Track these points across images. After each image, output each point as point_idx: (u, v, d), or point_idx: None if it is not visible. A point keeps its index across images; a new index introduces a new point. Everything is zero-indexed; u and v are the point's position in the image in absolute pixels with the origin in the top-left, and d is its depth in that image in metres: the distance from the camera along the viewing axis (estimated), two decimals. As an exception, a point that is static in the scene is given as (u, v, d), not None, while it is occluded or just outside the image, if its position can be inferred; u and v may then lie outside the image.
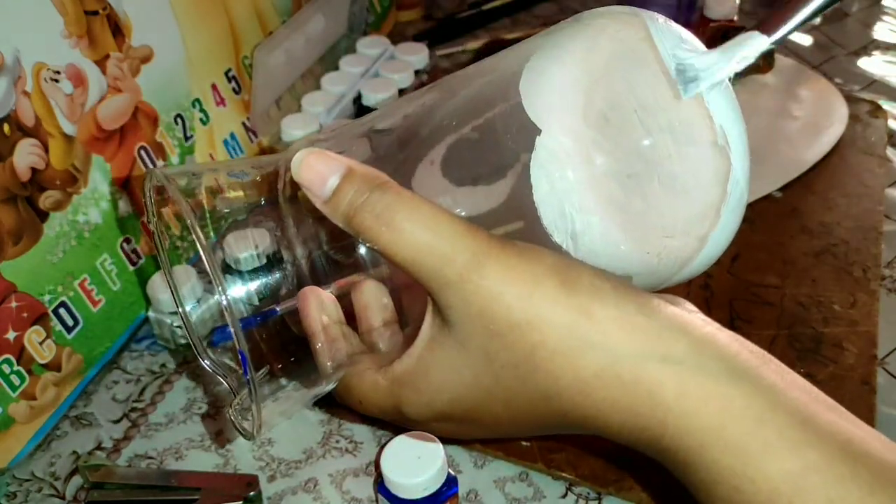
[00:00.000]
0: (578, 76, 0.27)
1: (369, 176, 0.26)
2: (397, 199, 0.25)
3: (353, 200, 0.25)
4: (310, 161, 0.26)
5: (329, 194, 0.26)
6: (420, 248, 0.25)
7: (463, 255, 0.24)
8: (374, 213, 0.25)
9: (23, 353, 0.49)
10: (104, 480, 0.47)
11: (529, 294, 0.24)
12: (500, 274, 0.25)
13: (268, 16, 0.70)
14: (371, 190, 0.25)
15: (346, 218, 0.26)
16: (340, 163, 0.26)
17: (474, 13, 0.95)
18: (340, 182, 0.26)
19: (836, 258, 0.61)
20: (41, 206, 0.49)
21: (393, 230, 0.25)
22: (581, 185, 0.26)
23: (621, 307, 0.25)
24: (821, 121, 0.74)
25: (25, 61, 0.48)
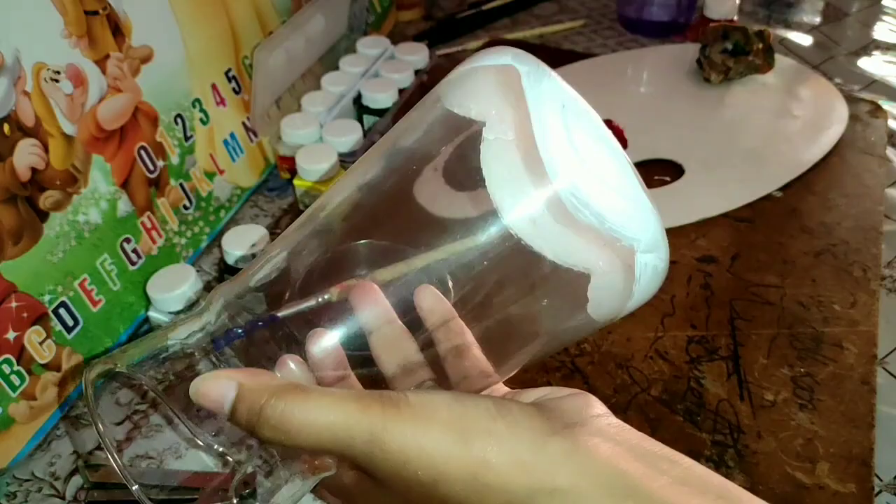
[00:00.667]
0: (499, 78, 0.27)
1: (259, 389, 0.29)
2: (288, 406, 0.28)
3: (248, 420, 0.29)
4: (203, 390, 0.30)
5: (229, 414, 0.30)
6: (322, 440, 0.28)
7: (361, 437, 0.28)
8: (270, 426, 0.29)
9: (23, 353, 0.49)
10: (104, 480, 0.47)
11: (431, 459, 0.28)
12: (400, 447, 0.28)
13: (268, 16, 0.70)
14: (262, 407, 0.29)
15: (252, 433, 0.29)
16: (231, 384, 0.30)
17: (474, 13, 0.95)
18: (233, 405, 0.29)
19: (836, 258, 0.61)
20: (41, 206, 0.49)
21: (293, 436, 0.28)
22: (535, 172, 0.26)
23: (514, 450, 0.28)
24: (821, 121, 0.74)
25: (25, 61, 0.48)
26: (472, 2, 0.97)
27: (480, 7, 0.96)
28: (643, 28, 0.92)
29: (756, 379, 0.52)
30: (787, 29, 0.93)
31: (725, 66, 0.78)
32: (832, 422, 0.50)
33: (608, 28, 0.94)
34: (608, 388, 0.52)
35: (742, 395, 0.52)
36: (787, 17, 0.96)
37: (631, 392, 0.52)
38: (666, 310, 0.58)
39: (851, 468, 0.47)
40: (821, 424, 0.50)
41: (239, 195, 0.67)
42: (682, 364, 0.54)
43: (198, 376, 0.30)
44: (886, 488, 0.48)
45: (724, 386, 0.52)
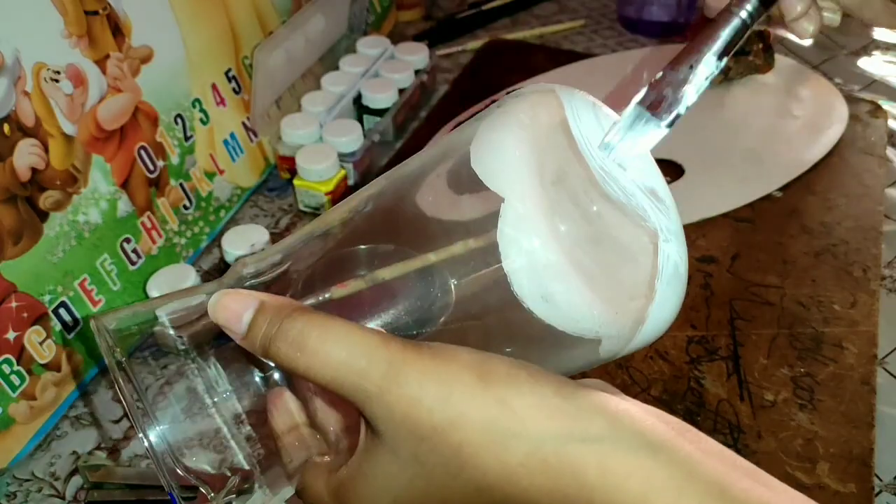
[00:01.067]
0: (526, 145, 0.27)
1: (281, 306, 0.27)
2: (308, 324, 0.26)
3: (266, 332, 0.27)
4: (224, 302, 0.28)
5: (245, 330, 0.28)
6: (337, 367, 0.26)
7: (379, 368, 0.26)
8: (286, 341, 0.26)
9: (23, 353, 0.49)
10: (104, 480, 0.47)
11: (448, 394, 0.25)
12: (417, 380, 0.25)
13: (268, 16, 0.70)
14: (282, 319, 0.27)
15: (263, 349, 0.27)
16: (253, 298, 0.28)
17: (474, 13, 0.95)
18: (253, 316, 0.27)
19: (836, 258, 0.61)
20: (41, 206, 0.49)
21: (307, 354, 0.26)
22: (550, 250, 0.26)
23: (538, 393, 0.26)
24: (821, 121, 0.74)
25: (25, 61, 0.48)
26: (472, 2, 0.97)
27: (480, 7, 0.96)
28: (643, 28, 0.92)
29: (756, 379, 0.52)
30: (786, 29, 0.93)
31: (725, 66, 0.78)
32: (832, 422, 0.50)
33: (608, 28, 0.94)
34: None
35: (742, 395, 0.52)
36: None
37: (631, 392, 0.52)
38: (666, 310, 0.57)
39: (851, 468, 0.47)
40: (821, 424, 0.50)
41: (239, 195, 0.67)
42: (682, 364, 0.54)
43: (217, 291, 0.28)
44: (886, 488, 0.48)
45: (724, 386, 0.52)
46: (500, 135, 0.28)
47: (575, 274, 0.26)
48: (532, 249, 0.26)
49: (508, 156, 0.27)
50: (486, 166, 0.27)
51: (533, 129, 0.28)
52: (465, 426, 0.25)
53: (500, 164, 0.27)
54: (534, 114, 0.28)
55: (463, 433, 0.25)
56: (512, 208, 0.26)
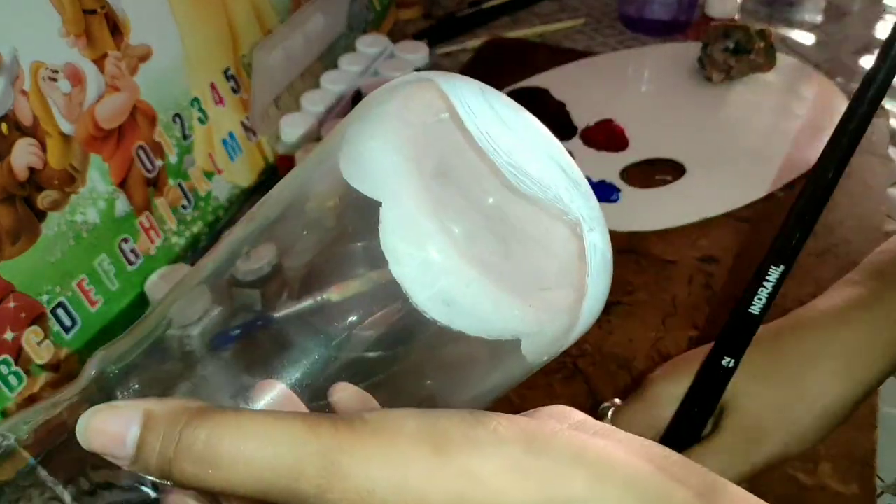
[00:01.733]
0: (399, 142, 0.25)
1: (174, 413, 0.22)
2: (214, 430, 0.21)
3: (162, 452, 0.21)
4: (96, 424, 0.22)
5: (133, 454, 0.22)
6: (261, 474, 0.21)
7: (313, 464, 0.21)
8: (191, 458, 0.21)
9: (21, 353, 0.48)
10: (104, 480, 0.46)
11: (403, 478, 0.21)
12: (362, 468, 0.21)
13: (267, 14, 0.70)
14: (180, 430, 0.21)
15: (162, 473, 0.22)
16: (135, 410, 0.22)
17: (474, 11, 0.95)
18: (140, 434, 0.22)
19: (838, 258, 0.61)
20: (39, 206, 0.49)
21: (222, 468, 0.21)
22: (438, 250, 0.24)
23: (504, 454, 0.22)
24: (822, 120, 0.74)
25: (23, 60, 0.48)
26: (472, 1, 0.97)
27: (480, 5, 0.95)
28: (644, 26, 0.92)
29: (757, 379, 0.52)
30: (788, 28, 0.93)
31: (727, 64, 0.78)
32: (834, 422, 0.50)
33: (609, 27, 0.94)
34: (610, 389, 0.52)
35: (743, 395, 0.51)
36: (788, 15, 0.96)
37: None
38: (667, 310, 0.57)
39: (853, 469, 0.47)
40: (822, 425, 0.49)
41: (238, 195, 0.67)
42: (683, 364, 0.53)
43: (84, 412, 0.23)
44: (888, 489, 0.48)
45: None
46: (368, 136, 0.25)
47: (474, 271, 0.24)
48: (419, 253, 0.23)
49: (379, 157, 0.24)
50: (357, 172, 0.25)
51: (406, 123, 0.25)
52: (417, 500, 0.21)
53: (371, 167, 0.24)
54: (406, 107, 0.26)
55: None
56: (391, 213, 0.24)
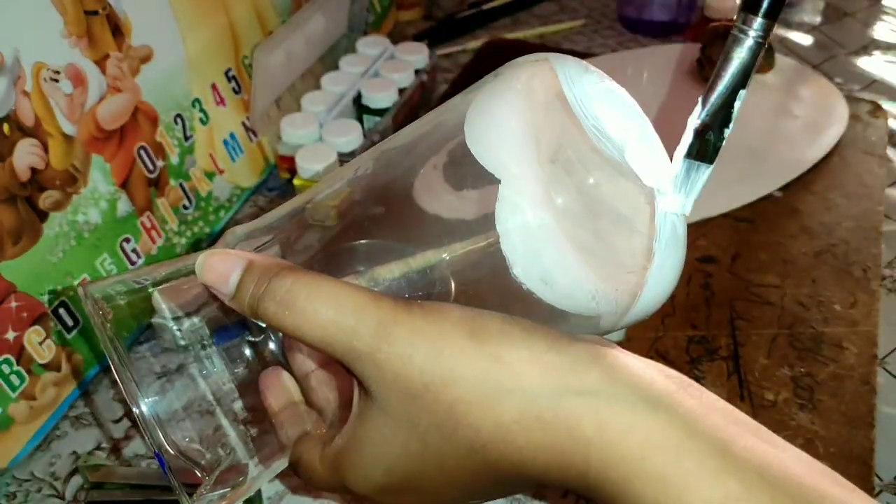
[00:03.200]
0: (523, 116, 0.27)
1: (269, 266, 0.27)
2: (297, 283, 0.26)
3: (254, 292, 0.26)
4: (211, 262, 0.27)
5: (233, 290, 0.27)
6: (326, 326, 0.25)
7: (368, 326, 0.25)
8: (275, 300, 0.26)
9: (22, 353, 0.49)
10: (104, 480, 0.47)
11: (439, 352, 0.25)
12: (408, 337, 0.25)
13: (268, 15, 0.70)
14: (270, 278, 0.26)
15: (252, 310, 0.27)
16: (241, 258, 0.27)
17: (474, 13, 0.95)
18: (241, 276, 0.27)
19: (836, 258, 0.61)
20: (41, 206, 0.49)
21: (296, 313, 0.25)
22: (547, 228, 0.26)
23: (532, 348, 0.25)
24: (821, 120, 0.74)
25: (25, 61, 0.48)
26: (472, 1, 0.97)
27: (481, 7, 0.96)
28: (643, 28, 0.92)
29: (756, 379, 0.52)
30: (787, 28, 0.93)
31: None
32: (832, 422, 0.50)
33: (608, 28, 0.94)
34: (608, 388, 0.52)
35: (742, 395, 0.52)
36: (787, 16, 0.96)
37: (631, 392, 0.52)
38: (666, 310, 0.57)
39: (852, 468, 0.47)
40: (821, 424, 0.50)
41: (239, 195, 0.67)
42: (683, 364, 0.54)
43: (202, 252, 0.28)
44: (886, 488, 0.48)
45: (725, 386, 0.52)
46: (497, 106, 0.27)
47: (571, 250, 0.26)
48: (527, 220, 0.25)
49: (505, 127, 0.26)
50: (482, 141, 0.27)
51: (529, 99, 0.27)
52: (457, 383, 0.25)
53: (497, 136, 0.26)
54: (529, 84, 0.28)
55: (455, 391, 0.25)
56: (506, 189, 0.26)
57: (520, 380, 0.25)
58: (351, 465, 0.28)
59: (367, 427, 0.27)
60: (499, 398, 0.25)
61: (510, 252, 0.26)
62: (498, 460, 0.25)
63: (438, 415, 0.25)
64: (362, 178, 0.31)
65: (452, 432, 0.25)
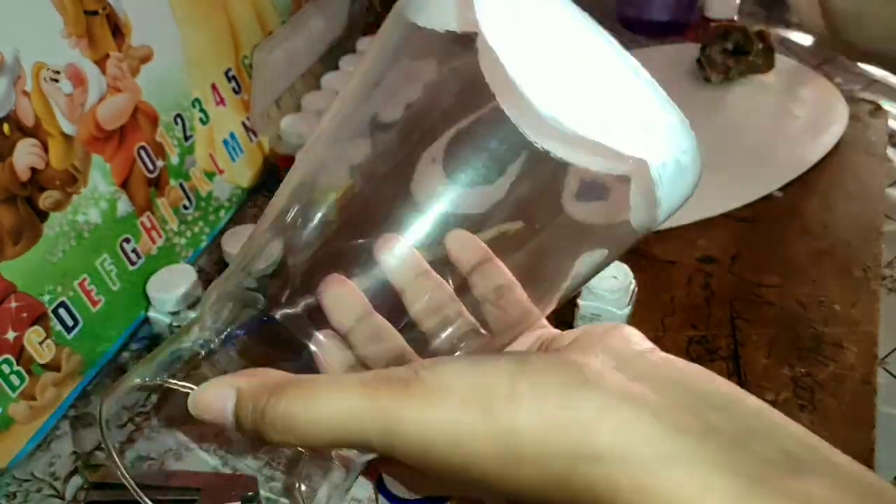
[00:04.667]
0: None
1: (258, 391, 0.27)
2: (290, 404, 0.26)
3: (254, 427, 0.27)
4: (202, 401, 0.28)
5: (234, 423, 0.27)
6: (334, 437, 0.25)
7: (374, 427, 0.25)
8: (275, 429, 0.26)
9: (22, 353, 0.49)
10: (104, 480, 0.47)
11: (456, 437, 0.25)
12: (418, 430, 0.25)
13: (268, 16, 0.70)
14: (263, 407, 0.26)
15: (258, 437, 0.27)
16: (228, 388, 0.27)
17: (474, 13, 0.95)
18: (235, 410, 0.27)
19: (836, 258, 0.61)
20: (41, 206, 0.49)
21: (301, 435, 0.26)
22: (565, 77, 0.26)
23: (539, 410, 0.24)
24: (821, 121, 0.74)
25: (25, 61, 0.48)
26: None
27: (480, 7, 0.95)
28: (643, 28, 0.92)
29: (756, 379, 0.52)
30: (787, 29, 0.93)
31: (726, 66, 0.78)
32: (832, 422, 0.50)
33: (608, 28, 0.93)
34: (608, 388, 0.52)
35: (742, 395, 0.52)
36: (787, 16, 0.96)
37: (631, 392, 0.52)
38: (666, 310, 0.57)
39: (852, 468, 0.47)
40: (821, 424, 0.49)
41: (239, 195, 0.67)
42: (683, 364, 0.54)
43: (192, 391, 0.28)
44: (887, 488, 0.48)
45: (725, 386, 0.52)
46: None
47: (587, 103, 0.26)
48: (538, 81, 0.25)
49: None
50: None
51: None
52: (480, 461, 0.25)
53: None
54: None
55: (480, 467, 0.25)
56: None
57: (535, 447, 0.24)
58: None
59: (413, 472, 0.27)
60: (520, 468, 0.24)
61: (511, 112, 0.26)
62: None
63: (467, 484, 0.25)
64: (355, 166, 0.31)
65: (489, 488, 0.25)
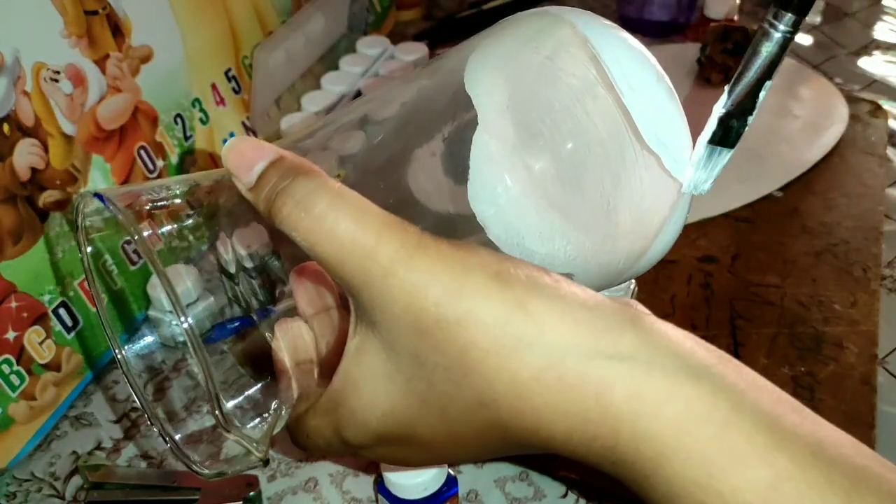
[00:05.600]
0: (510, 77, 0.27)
1: (298, 164, 0.24)
2: (322, 187, 0.23)
3: (275, 185, 0.24)
4: (240, 147, 0.25)
5: (254, 180, 0.25)
6: (342, 239, 0.23)
7: (388, 248, 0.22)
8: (294, 198, 0.23)
9: (22, 353, 0.49)
10: (104, 480, 0.47)
11: (459, 287, 0.22)
12: (429, 265, 0.22)
13: (268, 15, 0.70)
14: (296, 176, 0.24)
15: (267, 204, 0.24)
16: (271, 150, 0.25)
17: (474, 13, 0.95)
18: (266, 167, 0.24)
19: (836, 258, 0.61)
20: (41, 206, 0.49)
21: (313, 219, 0.23)
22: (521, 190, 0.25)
23: (561, 300, 0.23)
24: (821, 120, 0.74)
25: (25, 61, 0.48)
26: (472, 1, 0.97)
27: (481, 7, 0.95)
28: (643, 27, 0.92)
29: (756, 379, 0.52)
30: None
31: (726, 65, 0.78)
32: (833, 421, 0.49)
33: (608, 28, 0.94)
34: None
35: (742, 394, 0.52)
36: (787, 16, 0.96)
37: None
38: (666, 309, 0.57)
39: (852, 468, 0.47)
40: (821, 424, 0.50)
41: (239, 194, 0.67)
42: (683, 364, 0.54)
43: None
44: (887, 488, 0.48)
45: (725, 386, 0.52)
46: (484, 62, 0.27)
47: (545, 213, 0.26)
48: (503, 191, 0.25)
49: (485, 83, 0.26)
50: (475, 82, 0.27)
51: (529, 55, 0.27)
52: (474, 326, 0.22)
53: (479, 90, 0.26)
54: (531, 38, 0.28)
55: (470, 333, 0.22)
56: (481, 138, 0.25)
57: (544, 333, 0.22)
58: (347, 409, 0.25)
59: (364, 363, 0.24)
60: (518, 350, 0.22)
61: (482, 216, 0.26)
62: (510, 419, 0.23)
63: (448, 356, 0.22)
64: (354, 155, 0.30)
65: (461, 378, 0.22)
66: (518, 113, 0.26)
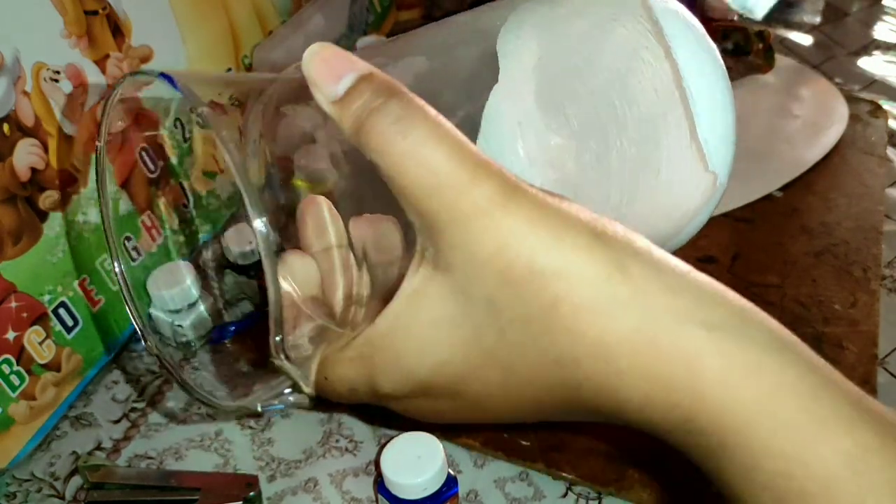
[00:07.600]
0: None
1: (391, 83, 0.22)
2: (420, 112, 0.21)
3: (368, 102, 0.21)
4: (325, 55, 0.23)
5: (341, 93, 0.22)
6: (437, 169, 0.21)
7: (485, 187, 0.21)
8: (390, 118, 0.21)
9: (22, 353, 0.49)
10: (104, 480, 0.47)
11: (557, 240, 0.21)
12: (525, 213, 0.21)
13: (268, 15, 0.70)
14: (393, 94, 0.22)
15: (356, 122, 0.22)
16: (363, 64, 0.22)
17: (474, 13, 0.95)
18: (357, 81, 0.22)
19: (836, 258, 0.61)
20: (41, 206, 0.49)
21: (409, 142, 0.21)
22: (530, 161, 0.25)
23: (656, 265, 0.22)
24: (821, 120, 0.74)
25: (25, 61, 0.48)
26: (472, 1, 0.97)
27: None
28: (643, 28, 0.92)
29: (756, 379, 0.52)
30: (787, 29, 0.93)
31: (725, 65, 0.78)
32: (832, 422, 0.50)
33: (608, 28, 0.94)
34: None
35: (742, 395, 0.52)
36: (787, 16, 0.96)
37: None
38: (666, 310, 0.57)
39: (852, 468, 0.47)
40: (821, 424, 0.50)
41: (238, 194, 0.67)
42: (683, 364, 0.54)
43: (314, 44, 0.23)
44: (887, 488, 0.48)
45: (725, 386, 0.52)
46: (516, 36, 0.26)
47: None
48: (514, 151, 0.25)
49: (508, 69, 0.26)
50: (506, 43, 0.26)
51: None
52: (569, 279, 0.21)
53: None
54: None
55: (564, 286, 0.21)
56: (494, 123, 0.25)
57: (640, 295, 0.21)
58: (392, 353, 0.23)
59: (424, 308, 0.22)
60: (613, 309, 0.21)
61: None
62: (586, 379, 0.21)
63: (532, 307, 0.21)
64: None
65: (541, 333, 0.21)
66: (544, 79, 0.25)
